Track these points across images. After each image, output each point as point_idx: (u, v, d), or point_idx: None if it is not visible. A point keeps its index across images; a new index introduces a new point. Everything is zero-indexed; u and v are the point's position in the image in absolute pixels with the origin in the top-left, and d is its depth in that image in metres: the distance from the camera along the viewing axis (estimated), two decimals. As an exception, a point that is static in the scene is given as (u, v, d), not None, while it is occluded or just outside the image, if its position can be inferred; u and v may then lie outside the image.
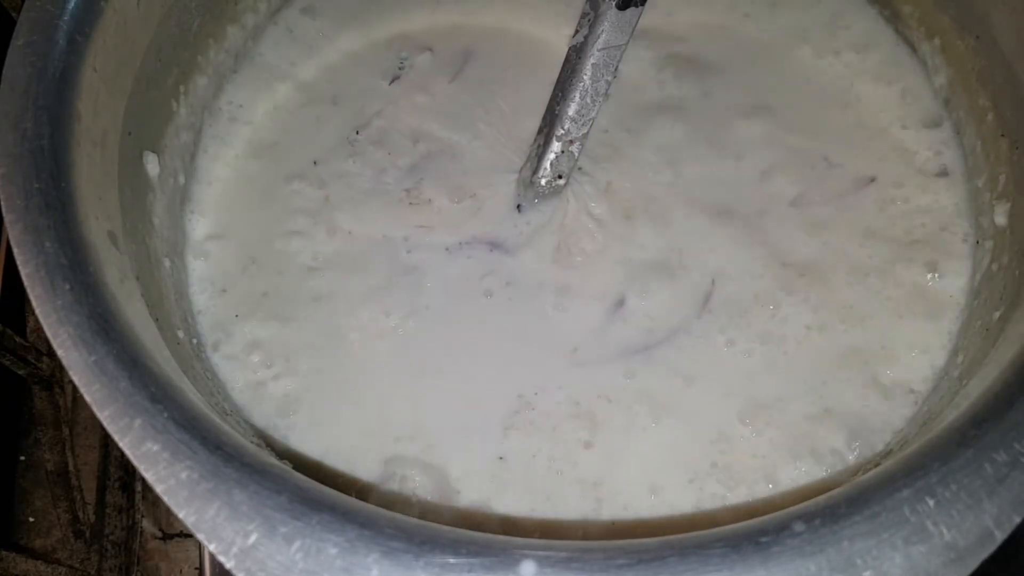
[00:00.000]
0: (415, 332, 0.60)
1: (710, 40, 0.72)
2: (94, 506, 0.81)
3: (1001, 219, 0.58)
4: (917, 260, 0.61)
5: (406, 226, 0.64)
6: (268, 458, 0.39)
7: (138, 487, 0.84)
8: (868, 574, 0.34)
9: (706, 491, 0.54)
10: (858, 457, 0.55)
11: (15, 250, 0.42)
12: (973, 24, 0.62)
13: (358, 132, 0.68)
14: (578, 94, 0.62)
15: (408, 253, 0.63)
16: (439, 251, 0.63)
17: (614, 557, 0.34)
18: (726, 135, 0.67)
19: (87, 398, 0.39)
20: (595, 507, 0.54)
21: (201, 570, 0.74)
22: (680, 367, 0.58)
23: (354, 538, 0.35)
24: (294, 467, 0.47)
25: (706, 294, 0.61)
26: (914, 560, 0.34)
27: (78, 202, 0.45)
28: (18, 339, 0.78)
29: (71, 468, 0.82)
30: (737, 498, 0.54)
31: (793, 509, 0.36)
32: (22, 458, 0.82)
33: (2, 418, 0.82)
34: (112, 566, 0.80)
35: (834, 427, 0.56)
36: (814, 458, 0.55)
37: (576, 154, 0.64)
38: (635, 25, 0.60)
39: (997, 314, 0.53)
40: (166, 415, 0.39)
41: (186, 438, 0.38)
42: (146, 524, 0.84)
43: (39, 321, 0.41)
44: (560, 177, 0.64)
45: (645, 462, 0.55)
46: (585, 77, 0.61)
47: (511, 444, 0.56)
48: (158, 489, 0.37)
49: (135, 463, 0.37)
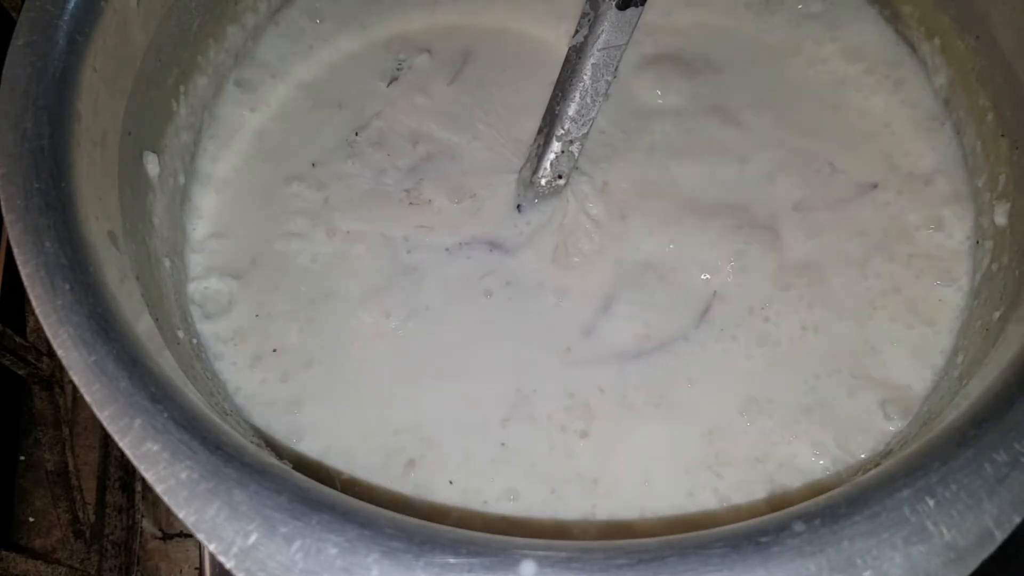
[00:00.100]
0: (415, 332, 0.60)
1: (709, 40, 0.72)
2: (94, 506, 0.81)
3: (1001, 219, 0.58)
4: (917, 261, 0.61)
5: (406, 227, 0.64)
6: (268, 458, 0.39)
7: (138, 487, 0.84)
8: (868, 574, 0.34)
9: (700, 481, 0.55)
10: (857, 458, 0.55)
11: (15, 250, 0.42)
12: (973, 24, 0.62)
13: (357, 133, 0.68)
14: (578, 94, 0.62)
15: (408, 253, 0.63)
16: (439, 251, 0.63)
17: (614, 557, 0.34)
18: (724, 136, 0.67)
19: (87, 398, 0.39)
20: (592, 501, 0.54)
21: (201, 570, 0.74)
22: (674, 367, 0.58)
23: (354, 538, 0.35)
24: (294, 467, 0.47)
25: (700, 293, 0.61)
26: (914, 560, 0.34)
27: (78, 202, 0.45)
28: (18, 339, 0.78)
29: (71, 468, 0.82)
30: (729, 488, 0.54)
31: (793, 509, 0.36)
32: (22, 458, 0.82)
33: (2, 418, 0.82)
34: (112, 566, 0.80)
35: (832, 427, 0.56)
36: (810, 457, 0.55)
37: (576, 154, 0.64)
38: (635, 25, 0.60)
39: (997, 314, 0.53)
40: (166, 415, 0.39)
41: (186, 438, 0.38)
42: (146, 524, 0.84)
43: (39, 321, 0.41)
44: (560, 177, 0.64)
45: (641, 454, 0.56)
46: (585, 77, 0.61)
47: (509, 439, 0.56)
48: (158, 489, 0.37)
49: (135, 463, 0.37)
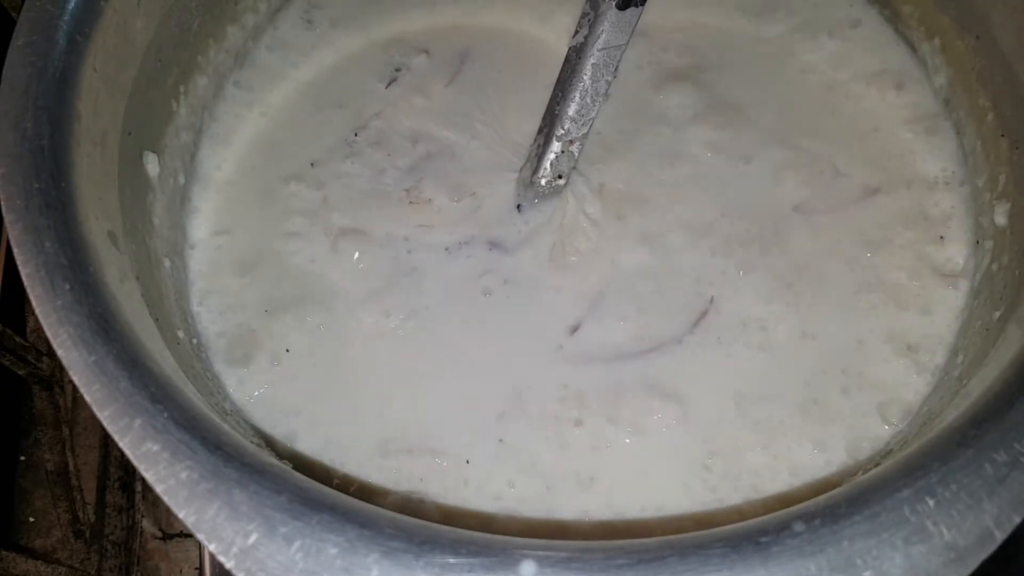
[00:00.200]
0: (415, 332, 0.60)
1: (708, 40, 0.72)
2: (94, 506, 0.81)
3: (1001, 219, 0.58)
4: (917, 262, 0.61)
5: (406, 226, 0.64)
6: (268, 458, 0.39)
7: (138, 487, 0.84)
8: (868, 574, 0.34)
9: (695, 479, 0.55)
10: (854, 459, 0.55)
11: (15, 250, 0.42)
12: (973, 24, 0.62)
13: (356, 134, 0.68)
14: (578, 94, 0.62)
15: (408, 254, 0.63)
16: (439, 251, 0.63)
17: (614, 557, 0.34)
18: (723, 137, 0.67)
19: (87, 398, 0.39)
20: (587, 498, 0.55)
21: (201, 570, 0.74)
22: (670, 367, 0.58)
23: (354, 538, 0.35)
24: (294, 467, 0.47)
25: (697, 295, 0.61)
26: (914, 560, 0.34)
27: (78, 202, 0.45)
28: (18, 339, 0.78)
29: (71, 468, 0.82)
30: (725, 487, 0.55)
31: (793, 509, 0.36)
32: (22, 458, 0.82)
33: (2, 418, 0.82)
34: (112, 566, 0.80)
35: (829, 428, 0.56)
36: (807, 457, 0.55)
37: (576, 154, 0.64)
38: (635, 25, 0.60)
39: (997, 314, 0.53)
40: (166, 415, 0.39)
41: (186, 438, 0.38)
42: (146, 524, 0.84)
43: (39, 321, 0.41)
44: (560, 177, 0.64)
45: (637, 453, 0.56)
46: (585, 77, 0.61)
47: (507, 436, 0.56)
48: (158, 489, 0.37)
49: (135, 463, 0.37)
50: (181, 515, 0.36)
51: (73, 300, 0.41)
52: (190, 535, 0.73)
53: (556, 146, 0.63)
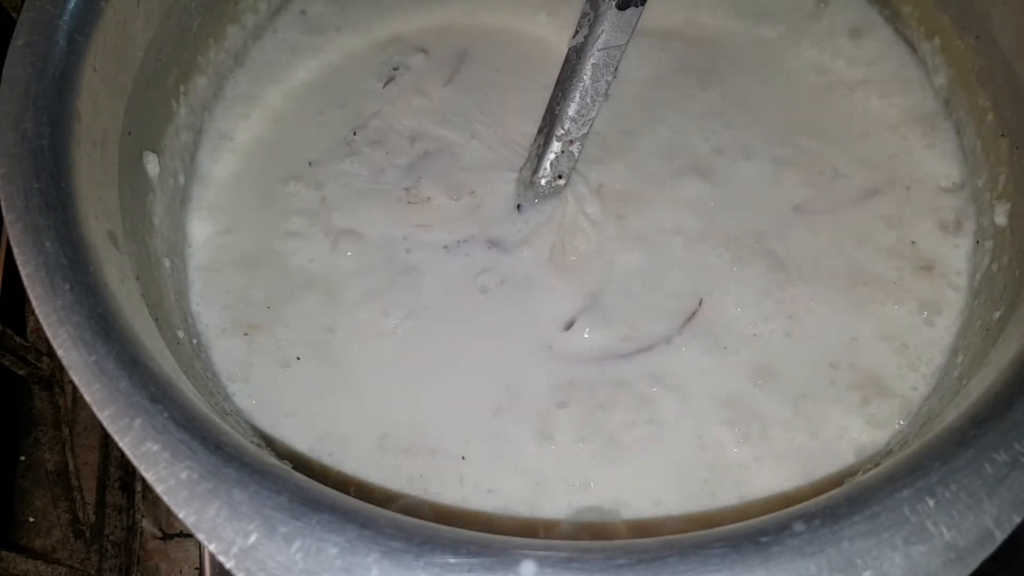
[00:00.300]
0: (413, 332, 0.60)
1: (707, 40, 0.72)
2: (94, 506, 0.81)
3: (1001, 219, 0.58)
4: (917, 262, 0.61)
5: (405, 226, 0.64)
6: (268, 458, 0.39)
7: (138, 487, 0.84)
8: (868, 574, 0.34)
9: (690, 477, 0.55)
10: (855, 458, 0.55)
11: (15, 250, 0.42)
12: (973, 24, 0.62)
13: (355, 133, 0.68)
14: (578, 94, 0.62)
15: (407, 253, 0.63)
16: (437, 250, 0.63)
17: (614, 557, 0.34)
18: (722, 138, 0.67)
19: (87, 398, 0.39)
20: (577, 498, 0.55)
21: (201, 570, 0.74)
22: (667, 367, 0.58)
23: (354, 538, 0.35)
24: (294, 467, 0.47)
25: (693, 295, 0.61)
26: (914, 560, 0.34)
27: (78, 202, 0.45)
28: (18, 339, 0.78)
29: (71, 468, 0.82)
30: (720, 485, 0.55)
31: (793, 509, 0.36)
32: (22, 458, 0.82)
33: (2, 418, 0.82)
34: (112, 566, 0.80)
35: (826, 427, 0.56)
36: (804, 456, 0.55)
37: (576, 154, 0.64)
38: (635, 25, 0.60)
39: (997, 314, 0.53)
40: (166, 415, 0.39)
41: (186, 438, 0.38)
42: (146, 524, 0.83)
43: (39, 321, 0.41)
44: (560, 177, 0.64)
45: (633, 453, 0.56)
46: (585, 77, 0.61)
47: (502, 433, 0.56)
48: (158, 489, 0.37)
49: (135, 463, 0.37)
50: (181, 515, 0.36)
51: (73, 300, 0.41)
52: (190, 535, 0.73)
53: (556, 146, 0.63)
